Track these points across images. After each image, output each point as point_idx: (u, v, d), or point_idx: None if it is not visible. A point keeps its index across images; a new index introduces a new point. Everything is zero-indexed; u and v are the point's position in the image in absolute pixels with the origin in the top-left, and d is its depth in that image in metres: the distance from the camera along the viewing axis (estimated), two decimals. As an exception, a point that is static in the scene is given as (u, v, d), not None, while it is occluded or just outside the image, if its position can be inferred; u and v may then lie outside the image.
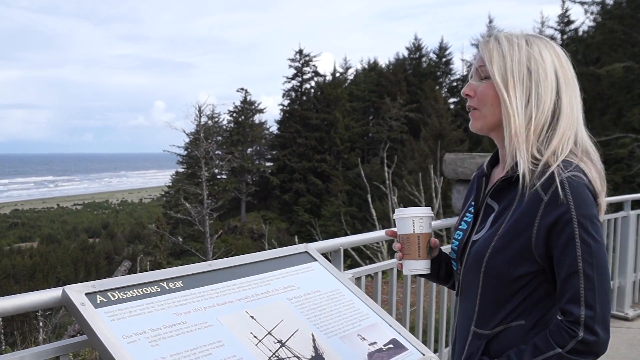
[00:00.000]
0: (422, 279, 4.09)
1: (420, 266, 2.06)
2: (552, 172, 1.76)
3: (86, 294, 1.90)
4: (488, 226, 1.92)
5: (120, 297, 1.95)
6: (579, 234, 1.71)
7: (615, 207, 7.18)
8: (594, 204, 1.76)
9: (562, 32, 41.00)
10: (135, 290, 2.00)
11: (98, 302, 1.90)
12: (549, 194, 1.74)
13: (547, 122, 1.84)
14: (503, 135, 1.91)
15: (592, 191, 1.77)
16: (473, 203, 2.06)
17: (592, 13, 32.06)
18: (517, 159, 1.83)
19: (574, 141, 1.86)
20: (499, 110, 1.88)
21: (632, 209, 6.80)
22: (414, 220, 2.05)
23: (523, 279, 1.82)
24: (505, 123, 1.86)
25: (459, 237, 2.05)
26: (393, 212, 2.10)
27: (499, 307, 1.87)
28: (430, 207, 2.12)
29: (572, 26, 40.68)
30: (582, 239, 1.71)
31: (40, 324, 10.66)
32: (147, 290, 2.02)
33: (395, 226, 2.13)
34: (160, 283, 2.08)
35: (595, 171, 1.82)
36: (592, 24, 32.96)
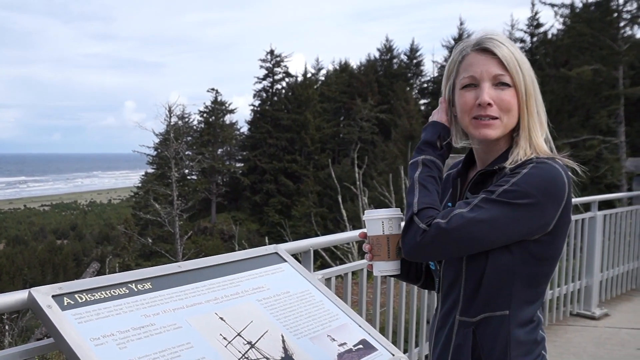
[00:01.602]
0: (392, 279, 4.10)
1: (390, 267, 2.06)
2: (531, 159, 1.85)
3: (53, 296, 1.88)
4: None
5: (88, 299, 1.93)
6: (498, 193, 1.81)
7: (583, 208, 7.26)
8: (566, 192, 1.82)
9: (532, 35, 41.43)
10: (103, 292, 1.98)
11: (65, 304, 1.88)
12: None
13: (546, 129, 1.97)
14: (498, 141, 1.96)
15: (564, 180, 1.83)
16: (449, 204, 2.07)
17: (561, 16, 32.39)
18: (522, 157, 1.89)
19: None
20: (516, 119, 1.93)
21: (599, 209, 6.88)
22: (383, 221, 2.05)
23: (503, 266, 1.85)
24: (525, 129, 1.92)
25: None
26: (364, 213, 2.10)
27: (483, 298, 1.90)
28: (399, 208, 2.12)
29: (542, 29, 41.23)
30: (497, 197, 1.80)
31: (6, 327, 10.53)
32: (115, 292, 2.01)
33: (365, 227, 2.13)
34: (129, 285, 2.06)
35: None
36: (561, 27, 33.34)
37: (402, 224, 2.08)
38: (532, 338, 1.90)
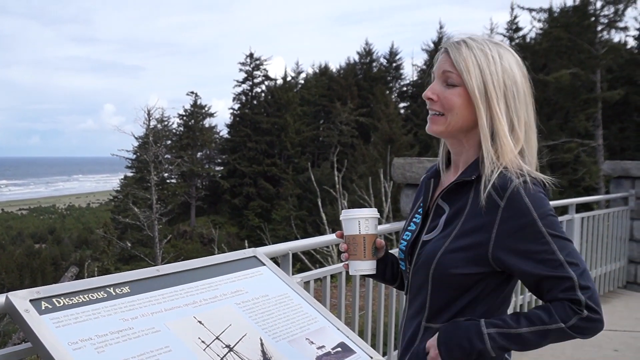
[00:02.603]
0: (371, 282, 4.11)
1: (365, 266, 2.09)
2: (509, 178, 1.82)
3: (30, 300, 1.87)
4: (441, 227, 1.95)
5: (66, 304, 1.93)
6: (547, 231, 1.78)
7: (561, 211, 7.31)
8: (549, 203, 1.84)
9: (511, 39, 41.68)
10: (81, 296, 1.98)
11: (43, 308, 1.87)
12: (505, 199, 1.80)
13: (524, 135, 1.92)
14: (462, 142, 1.97)
15: (544, 192, 1.84)
16: (422, 205, 2.09)
17: (539, 20, 32.64)
18: (488, 168, 1.87)
19: (534, 148, 1.97)
20: (466, 119, 1.91)
21: (577, 212, 6.93)
22: (359, 221, 2.08)
23: (471, 279, 1.87)
24: (486, 135, 1.89)
25: (408, 238, 2.08)
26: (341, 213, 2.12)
27: (449, 304, 1.92)
28: (376, 209, 2.15)
29: (520, 33, 41.55)
30: (551, 234, 1.78)
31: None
32: (93, 296, 2.00)
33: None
34: (107, 289, 2.06)
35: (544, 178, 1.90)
36: (539, 31, 33.55)
37: (377, 224, 2.13)
38: None
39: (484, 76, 1.88)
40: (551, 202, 1.89)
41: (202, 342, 2.02)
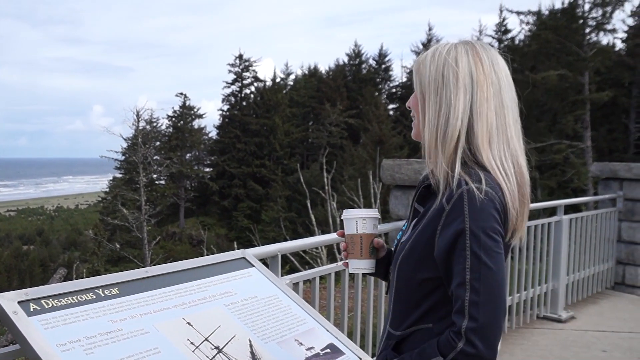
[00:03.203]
0: (360, 284, 4.12)
1: (362, 265, 2.13)
2: (457, 182, 1.76)
3: (19, 302, 1.87)
4: (410, 230, 1.97)
5: (55, 305, 1.92)
6: (470, 246, 1.70)
7: (549, 212, 7.34)
8: (493, 217, 1.74)
9: (500, 41, 41.81)
10: (69, 298, 1.97)
11: (31, 310, 1.86)
12: (451, 204, 1.75)
13: (462, 129, 1.82)
14: None
15: (498, 203, 1.76)
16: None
17: (527, 23, 32.75)
18: (430, 168, 1.87)
19: (503, 149, 1.85)
20: (422, 121, 1.91)
21: (565, 213, 6.96)
22: (357, 221, 2.12)
23: (430, 283, 1.85)
24: (421, 132, 1.90)
25: (398, 238, 2.09)
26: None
27: (409, 309, 1.92)
28: (377, 209, 2.19)
29: (509, 35, 41.68)
30: (472, 251, 1.70)
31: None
32: (82, 298, 2.00)
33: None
34: (96, 290, 2.05)
35: (508, 185, 1.81)
36: (528, 33, 33.67)
37: (377, 224, 2.15)
38: None
39: (424, 73, 1.88)
40: (540, 204, 1.89)
41: (191, 343, 2.02)
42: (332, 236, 4.06)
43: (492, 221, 1.73)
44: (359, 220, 2.12)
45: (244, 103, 57.65)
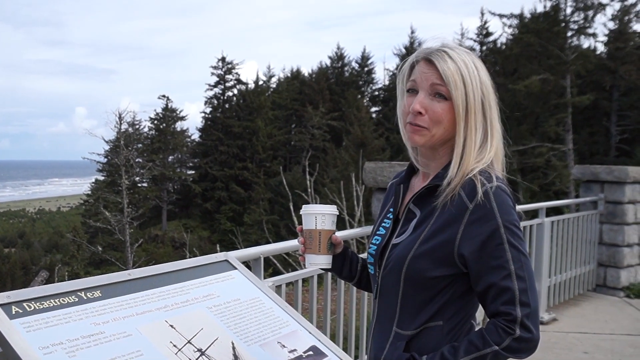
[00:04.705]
0: (343, 286, 4.13)
1: (320, 260, 2.16)
2: (477, 182, 1.83)
3: (0, 304, 1.86)
4: (410, 231, 1.97)
5: (37, 308, 1.91)
6: (507, 239, 1.80)
7: (531, 215, 7.38)
8: (515, 211, 1.86)
9: (482, 44, 41.97)
10: (52, 301, 1.97)
11: (13, 313, 1.86)
12: (474, 202, 1.82)
13: (492, 142, 1.95)
14: (437, 151, 1.98)
15: (512, 199, 1.86)
16: (392, 209, 2.10)
17: (510, 26, 32.93)
18: (460, 174, 1.89)
19: (501, 149, 1.99)
20: (448, 131, 1.93)
21: (547, 216, 7.00)
22: (316, 216, 2.14)
23: (442, 282, 1.89)
24: (460, 145, 1.91)
25: (377, 242, 2.10)
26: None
27: (419, 308, 1.93)
28: (335, 206, 2.19)
29: (491, 38, 41.77)
30: (510, 243, 1.80)
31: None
32: (64, 301, 1.99)
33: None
34: (78, 293, 2.05)
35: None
36: (510, 36, 33.83)
37: (335, 220, 2.18)
38: None
39: (467, 90, 1.89)
40: (522, 206, 1.94)
41: (174, 346, 2.02)
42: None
43: (515, 214, 1.86)
44: (318, 216, 2.14)
45: (227, 105, 57.57)
